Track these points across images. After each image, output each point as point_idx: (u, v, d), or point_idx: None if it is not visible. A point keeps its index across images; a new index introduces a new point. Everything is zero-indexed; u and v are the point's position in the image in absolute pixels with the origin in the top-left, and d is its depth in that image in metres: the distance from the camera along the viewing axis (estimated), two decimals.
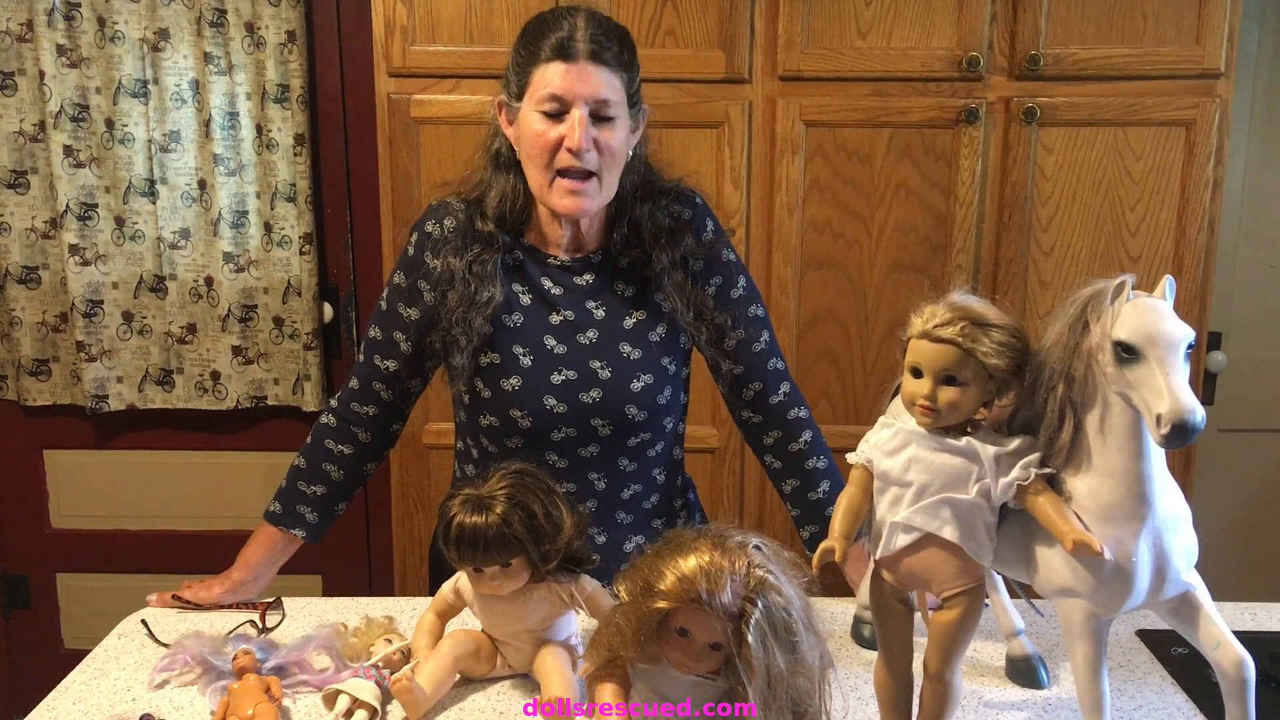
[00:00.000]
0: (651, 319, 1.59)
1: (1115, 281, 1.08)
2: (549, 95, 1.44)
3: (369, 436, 1.66)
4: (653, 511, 1.66)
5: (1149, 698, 1.40)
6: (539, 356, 1.55)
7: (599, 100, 1.45)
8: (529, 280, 1.58)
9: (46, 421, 3.00)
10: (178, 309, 2.85)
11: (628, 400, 1.56)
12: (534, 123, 1.46)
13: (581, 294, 1.58)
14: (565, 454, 1.58)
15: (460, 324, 1.53)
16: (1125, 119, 2.33)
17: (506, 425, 1.57)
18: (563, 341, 1.56)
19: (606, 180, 1.49)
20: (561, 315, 1.57)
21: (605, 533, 1.62)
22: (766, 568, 1.03)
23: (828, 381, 2.45)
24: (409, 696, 1.32)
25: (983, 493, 1.15)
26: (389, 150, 2.35)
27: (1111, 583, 1.10)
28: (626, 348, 1.57)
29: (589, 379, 1.55)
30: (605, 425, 1.56)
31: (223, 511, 3.04)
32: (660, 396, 1.59)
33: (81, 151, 2.76)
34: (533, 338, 1.56)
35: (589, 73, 1.44)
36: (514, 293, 1.57)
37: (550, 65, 1.44)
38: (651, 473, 1.64)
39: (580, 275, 1.58)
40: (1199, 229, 2.36)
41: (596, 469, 1.59)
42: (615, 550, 1.62)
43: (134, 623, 1.61)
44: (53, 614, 3.13)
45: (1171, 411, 1.00)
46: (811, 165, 2.36)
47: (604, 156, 1.47)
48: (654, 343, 1.59)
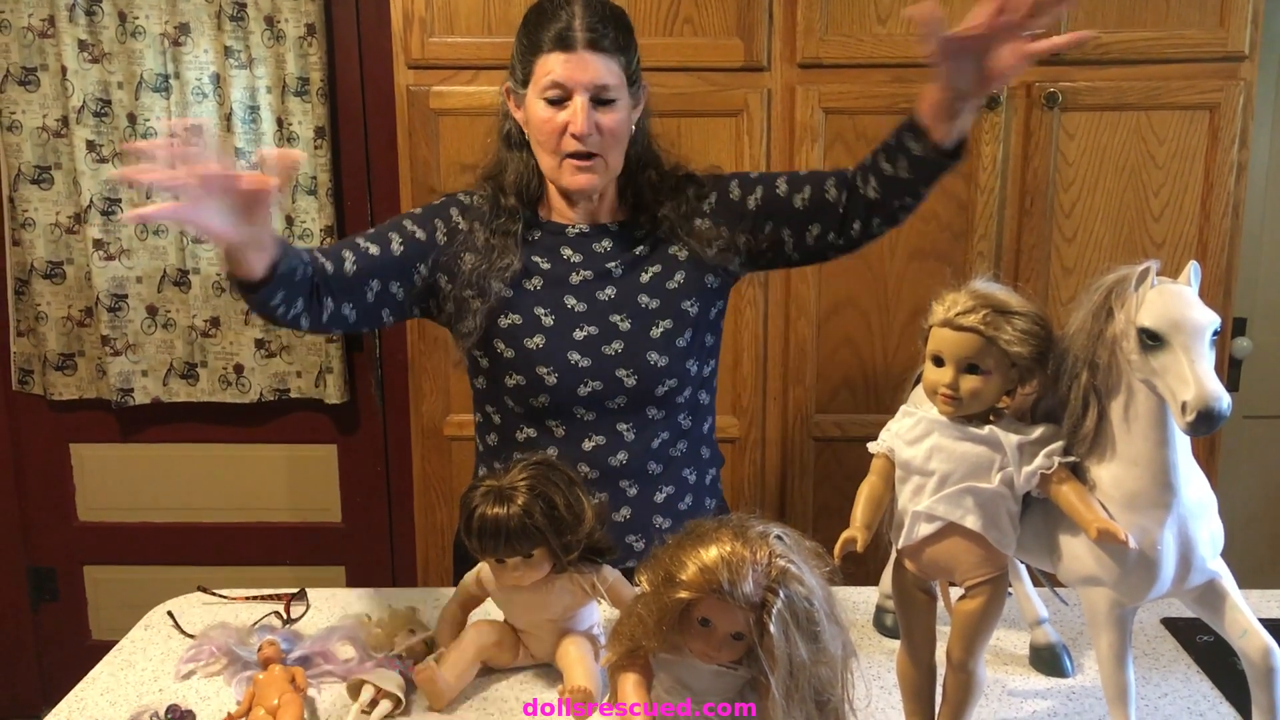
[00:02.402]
0: (668, 269, 1.65)
1: (1140, 268, 1.07)
2: (552, 83, 1.53)
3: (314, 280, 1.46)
4: (681, 460, 1.68)
5: (1174, 686, 1.40)
6: (560, 315, 1.60)
7: (599, 86, 1.53)
8: (548, 250, 1.64)
9: (72, 415, 3.03)
10: (201, 302, 2.86)
11: (649, 347, 1.61)
12: (539, 110, 1.55)
13: (600, 257, 1.64)
14: (593, 407, 1.61)
15: (475, 285, 1.59)
16: (1148, 103, 2.30)
17: (533, 383, 1.60)
18: (583, 300, 1.61)
19: (611, 158, 1.58)
20: (581, 275, 1.63)
21: (636, 484, 1.64)
22: (788, 557, 1.03)
23: (849, 370, 2.44)
24: (433, 686, 1.33)
25: (1006, 481, 1.14)
26: (408, 142, 2.35)
27: (1136, 571, 1.09)
28: (644, 298, 1.63)
29: (610, 332, 1.60)
30: (630, 375, 1.60)
31: (247, 504, 3.06)
32: (680, 339, 1.63)
33: (104, 147, 2.78)
34: (553, 299, 1.61)
35: (588, 61, 1.52)
36: (533, 262, 1.63)
37: (551, 55, 1.52)
38: (678, 418, 1.67)
39: (598, 242, 1.65)
40: (1223, 214, 2.34)
41: (625, 420, 1.62)
42: (647, 504, 1.64)
43: (160, 614, 1.63)
44: (80, 606, 3.16)
45: (1197, 399, 0.99)
46: (831, 153, 2.35)
47: (606, 137, 1.55)
48: (672, 290, 1.64)
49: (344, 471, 3.07)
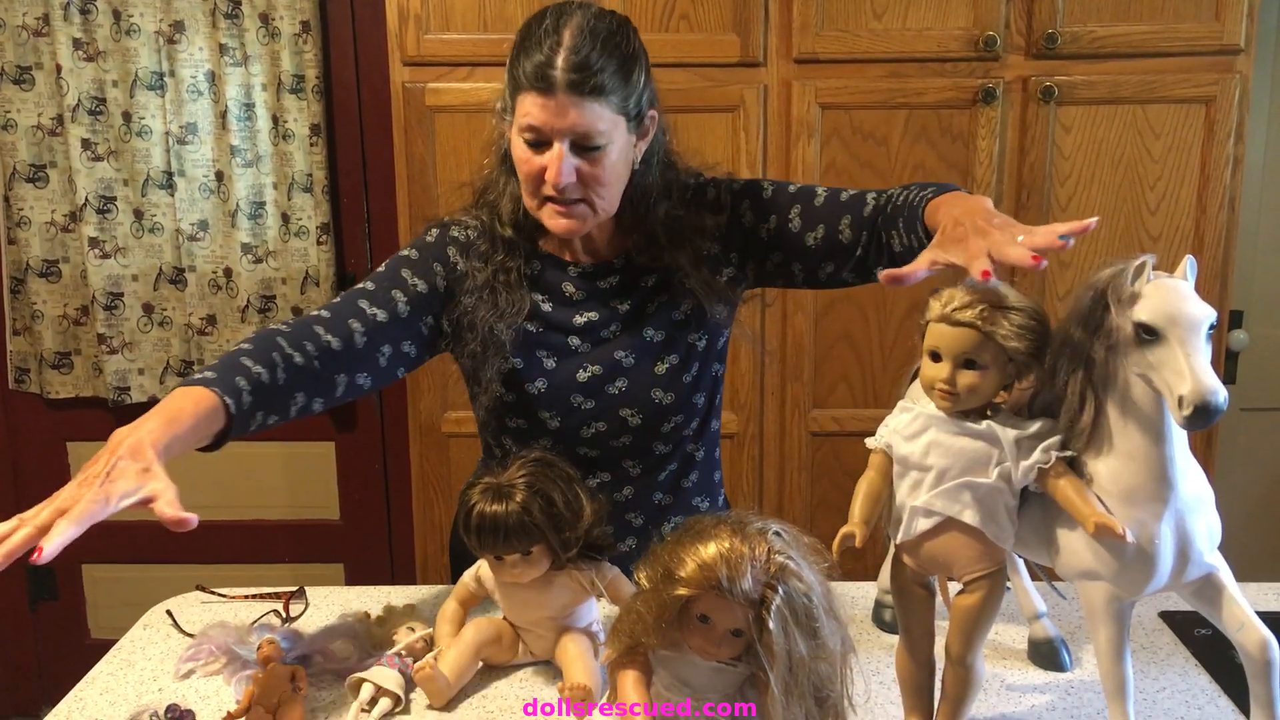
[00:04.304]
0: (675, 299, 1.55)
1: (1136, 262, 1.07)
2: (528, 126, 1.37)
3: (319, 365, 1.39)
4: (693, 490, 1.64)
5: (1172, 679, 1.40)
6: (563, 357, 1.54)
7: (579, 134, 1.36)
8: (549, 287, 1.55)
9: (69, 414, 3.03)
10: (197, 300, 2.86)
11: (653, 384, 1.54)
12: (519, 149, 1.41)
13: (605, 295, 1.55)
14: (597, 446, 1.56)
15: (486, 340, 1.50)
16: (1144, 97, 2.31)
17: (535, 427, 1.55)
18: (586, 339, 1.54)
19: (600, 203, 1.43)
20: (585, 316, 1.54)
21: (641, 515, 1.61)
22: (787, 554, 1.03)
23: (846, 365, 2.45)
24: (432, 684, 1.33)
25: (1003, 476, 1.14)
26: (404, 139, 2.35)
27: (1134, 565, 1.10)
28: (649, 331, 1.55)
29: (613, 369, 1.53)
30: (635, 414, 1.55)
31: (244, 501, 3.06)
32: (686, 375, 1.56)
33: (99, 145, 2.78)
34: (555, 340, 1.54)
35: (568, 108, 1.35)
36: (535, 301, 1.54)
37: (529, 95, 1.36)
38: (686, 449, 1.62)
39: (603, 279, 1.56)
40: (1219, 207, 2.34)
41: (630, 457, 1.58)
42: (651, 535, 1.60)
43: (159, 613, 1.63)
44: (79, 605, 3.16)
45: (1194, 393, 0.99)
46: (828, 148, 2.35)
47: (590, 185, 1.40)
48: (678, 322, 1.56)
49: (342, 469, 3.07)
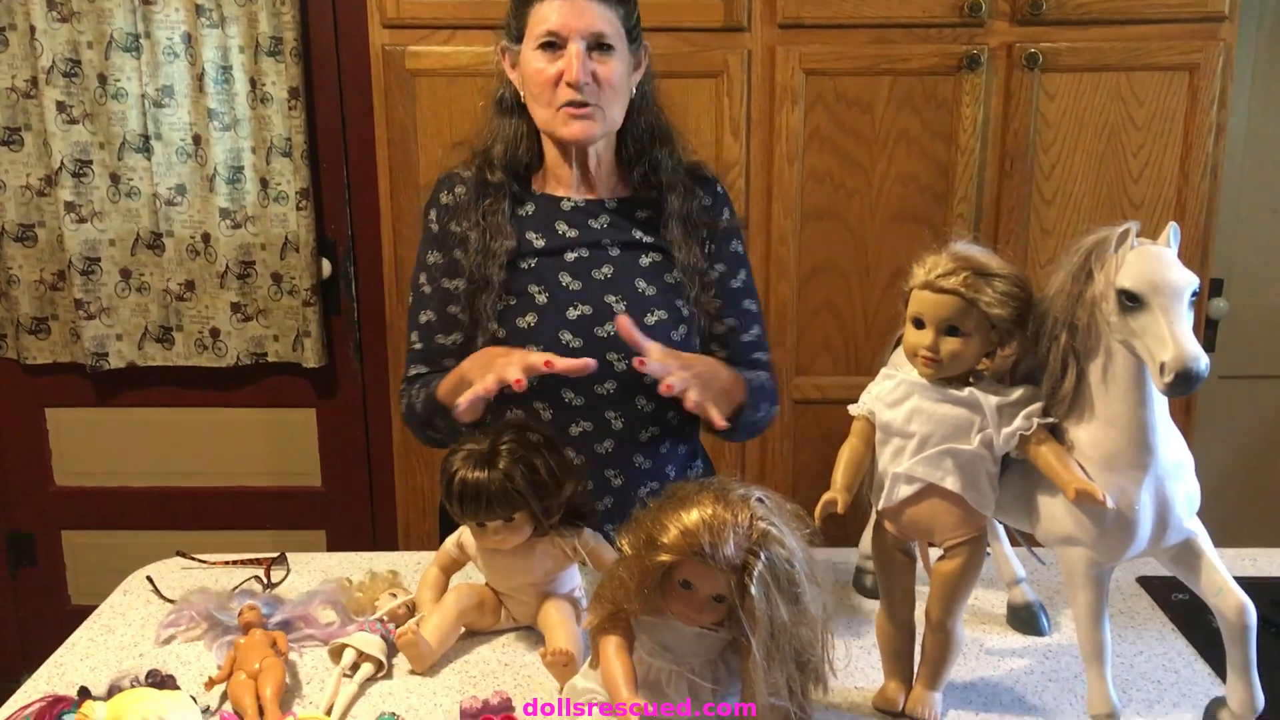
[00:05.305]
0: (667, 261, 1.62)
1: (1119, 229, 1.07)
2: (546, 31, 1.50)
3: None
4: (668, 457, 1.65)
5: (1149, 643, 1.41)
6: (554, 294, 1.57)
7: (594, 33, 1.50)
8: (542, 226, 1.60)
9: (47, 380, 3.00)
10: (175, 266, 2.83)
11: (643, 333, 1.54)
12: (534, 60, 1.52)
13: (596, 234, 1.61)
14: (581, 390, 1.56)
15: (477, 279, 1.57)
16: (1128, 64, 2.30)
17: None
18: (578, 278, 1.57)
19: (609, 111, 1.54)
20: (576, 253, 1.59)
21: (621, 475, 1.61)
22: (769, 520, 1.04)
23: (829, 333, 2.44)
24: (414, 650, 1.33)
25: (985, 443, 1.15)
26: (384, 103, 2.33)
27: (1114, 531, 1.10)
28: (641, 284, 1.59)
29: (604, 313, 1.56)
30: (620, 360, 1.55)
31: (225, 468, 3.05)
32: (674, 333, 1.58)
33: (75, 107, 2.74)
34: (547, 276, 1.58)
35: (583, 7, 1.50)
36: (527, 240, 1.59)
37: (546, 3, 1.50)
38: (668, 415, 1.63)
39: (595, 218, 1.61)
40: (1202, 175, 2.34)
41: (613, 407, 1.58)
42: (629, 496, 1.61)
43: (139, 579, 1.62)
44: (59, 571, 3.15)
45: (1175, 359, 1.00)
46: (811, 114, 2.33)
47: (603, 88, 1.52)
48: (669, 284, 1.60)
49: (324, 436, 3.05)
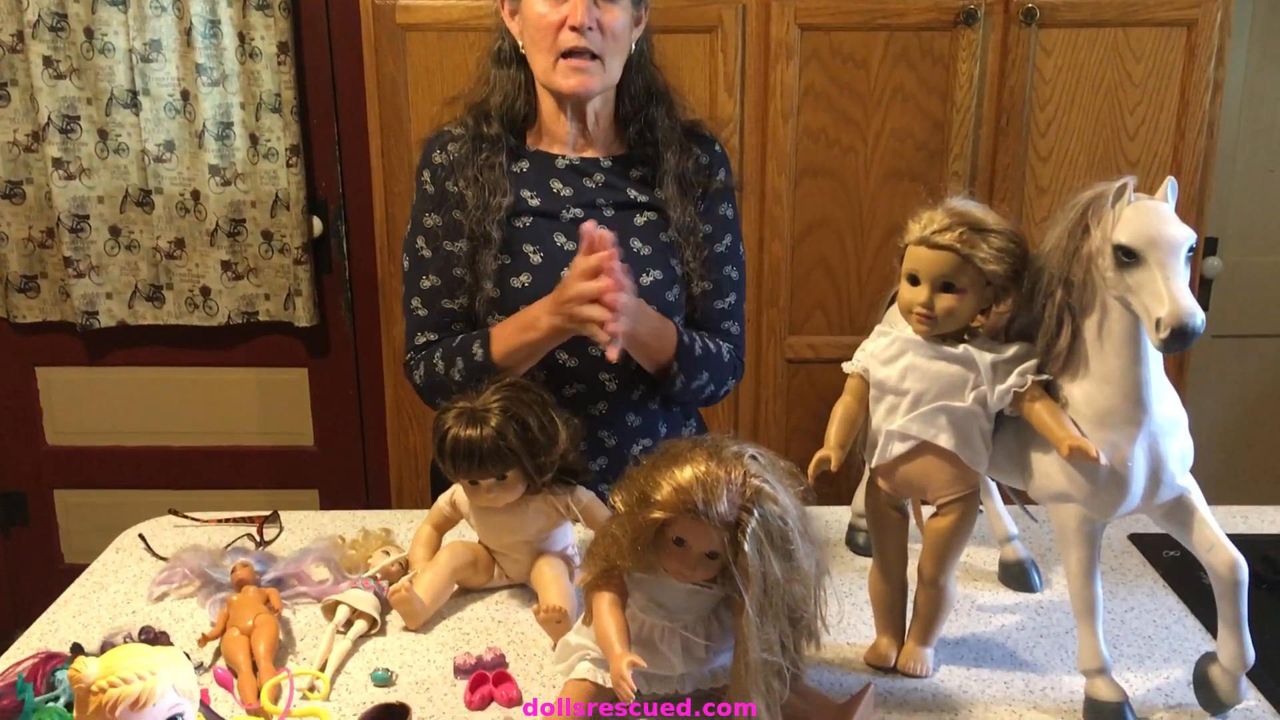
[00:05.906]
0: (662, 221, 1.61)
1: (1116, 184, 1.06)
2: None
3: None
4: (659, 414, 1.65)
5: (1140, 600, 1.42)
6: (549, 254, 1.56)
7: None
8: (537, 184, 1.59)
9: (37, 339, 2.99)
10: (165, 223, 2.81)
11: (637, 294, 1.53)
12: (536, 5, 1.50)
13: (590, 194, 1.60)
14: (575, 351, 1.56)
15: (477, 236, 1.56)
16: (1126, 19, 2.28)
17: None
18: (573, 238, 1.56)
19: (610, 63, 1.53)
20: (571, 213, 1.58)
21: (615, 435, 1.62)
22: (762, 477, 1.03)
23: (823, 291, 2.44)
24: (408, 607, 1.33)
25: (979, 400, 1.15)
26: (374, 58, 2.30)
27: (1106, 488, 1.10)
28: (636, 243, 1.58)
29: None
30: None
31: (217, 427, 3.04)
32: (669, 293, 1.59)
33: (61, 62, 2.70)
34: (542, 236, 1.57)
35: None
36: (522, 197, 1.58)
37: None
38: None
39: (589, 177, 1.60)
40: (1198, 132, 2.33)
41: (607, 369, 1.58)
42: (623, 454, 1.61)
43: (132, 537, 1.62)
44: (51, 530, 3.15)
45: (1171, 315, 0.99)
46: (806, 70, 2.31)
47: (606, 38, 1.50)
48: (664, 243, 1.60)
49: (315, 395, 3.05)
